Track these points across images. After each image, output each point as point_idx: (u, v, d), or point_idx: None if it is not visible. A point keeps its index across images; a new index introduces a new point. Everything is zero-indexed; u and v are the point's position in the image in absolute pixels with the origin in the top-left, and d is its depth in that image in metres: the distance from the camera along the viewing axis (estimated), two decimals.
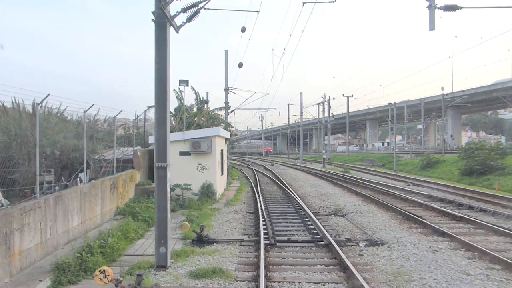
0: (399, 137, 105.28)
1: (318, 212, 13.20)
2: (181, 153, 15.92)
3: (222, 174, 18.73)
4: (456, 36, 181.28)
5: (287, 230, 10.46)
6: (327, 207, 14.23)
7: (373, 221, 11.41)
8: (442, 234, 9.48)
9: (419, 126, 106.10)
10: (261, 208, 13.21)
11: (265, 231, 9.92)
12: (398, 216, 12.23)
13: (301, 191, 19.20)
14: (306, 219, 11.86)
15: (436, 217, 12.13)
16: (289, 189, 19.03)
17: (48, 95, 7.58)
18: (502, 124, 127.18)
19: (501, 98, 47.56)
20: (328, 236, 9.13)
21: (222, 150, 18.86)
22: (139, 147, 16.20)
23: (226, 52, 29.74)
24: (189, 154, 15.81)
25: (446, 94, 47.45)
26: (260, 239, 8.98)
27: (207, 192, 15.47)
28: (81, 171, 15.20)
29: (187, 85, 15.78)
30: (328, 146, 54.40)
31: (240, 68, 18.63)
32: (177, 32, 8.19)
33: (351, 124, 78.33)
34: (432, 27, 10.52)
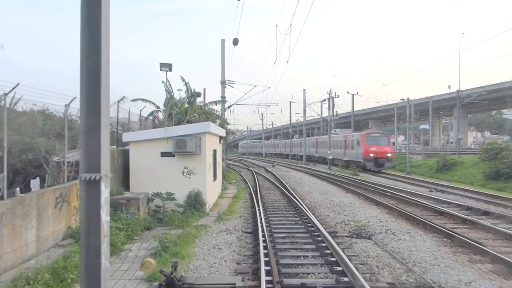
0: (401, 137, 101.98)
1: (336, 232, 10.17)
2: (163, 154, 12.90)
3: (215, 179, 15.69)
4: (463, 33, 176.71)
5: (298, 265, 7.42)
6: (345, 224, 11.19)
7: (414, 248, 8.37)
8: None
9: (422, 126, 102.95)
10: (262, 226, 10.20)
11: (268, 267, 6.90)
12: (445, 239, 9.19)
13: (308, 200, 16.16)
14: (322, 244, 8.81)
15: (496, 241, 9.09)
16: (294, 197, 16.01)
17: None
18: (503, 124, 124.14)
19: None
20: (361, 278, 6.12)
21: (215, 151, 15.82)
22: (111, 146, 13.18)
23: (223, 41, 26.62)
24: (173, 156, 12.78)
25: (462, 91, 44.27)
26: (260, 284, 6.00)
27: (194, 203, 12.42)
28: (34, 177, 12.22)
29: (170, 70, 12.79)
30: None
31: (235, 45, 15.57)
32: None
33: (355, 124, 75.29)
34: None
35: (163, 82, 21.81)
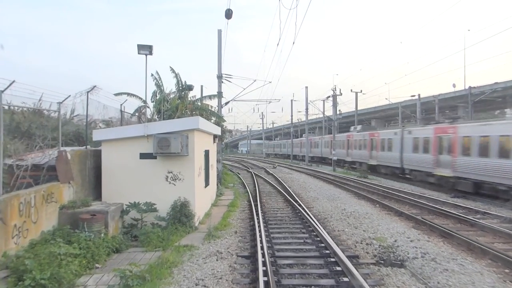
0: None
1: (357, 257, 7.92)
2: (142, 156, 10.65)
3: (207, 185, 13.43)
4: (469, 30, 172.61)
5: None
6: (367, 244, 8.93)
7: (472, 285, 6.12)
8: None
9: None
10: (262, 247, 7.97)
11: None
12: (507, 270, 6.94)
13: (317, 208, 13.90)
14: (344, 278, 6.53)
15: None
16: (300, 205, 13.79)
17: None
18: None
19: None
20: None
21: (207, 151, 13.56)
22: (71, 147, 10.95)
23: (220, 31, 24.31)
24: (154, 158, 10.53)
25: (474, 87, 41.83)
26: None
27: (179, 215, 10.15)
28: None
29: (150, 53, 10.50)
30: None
31: (228, 19, 13.24)
32: None
33: (357, 123, 72.97)
34: None
35: (152, 75, 19.58)
